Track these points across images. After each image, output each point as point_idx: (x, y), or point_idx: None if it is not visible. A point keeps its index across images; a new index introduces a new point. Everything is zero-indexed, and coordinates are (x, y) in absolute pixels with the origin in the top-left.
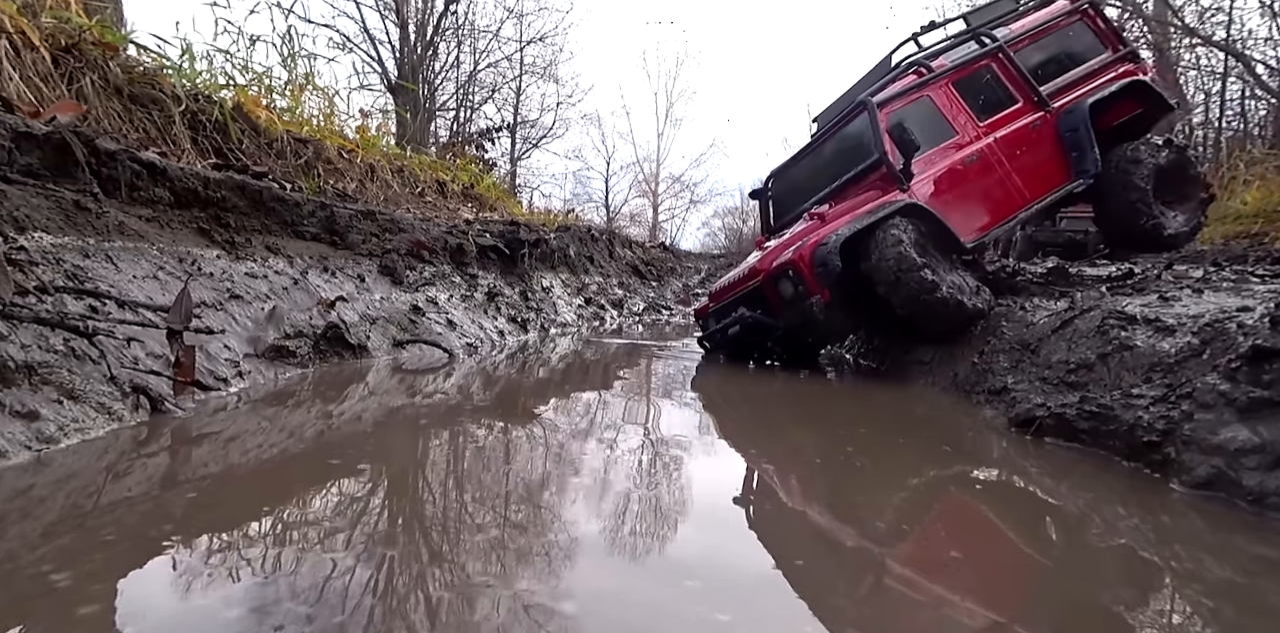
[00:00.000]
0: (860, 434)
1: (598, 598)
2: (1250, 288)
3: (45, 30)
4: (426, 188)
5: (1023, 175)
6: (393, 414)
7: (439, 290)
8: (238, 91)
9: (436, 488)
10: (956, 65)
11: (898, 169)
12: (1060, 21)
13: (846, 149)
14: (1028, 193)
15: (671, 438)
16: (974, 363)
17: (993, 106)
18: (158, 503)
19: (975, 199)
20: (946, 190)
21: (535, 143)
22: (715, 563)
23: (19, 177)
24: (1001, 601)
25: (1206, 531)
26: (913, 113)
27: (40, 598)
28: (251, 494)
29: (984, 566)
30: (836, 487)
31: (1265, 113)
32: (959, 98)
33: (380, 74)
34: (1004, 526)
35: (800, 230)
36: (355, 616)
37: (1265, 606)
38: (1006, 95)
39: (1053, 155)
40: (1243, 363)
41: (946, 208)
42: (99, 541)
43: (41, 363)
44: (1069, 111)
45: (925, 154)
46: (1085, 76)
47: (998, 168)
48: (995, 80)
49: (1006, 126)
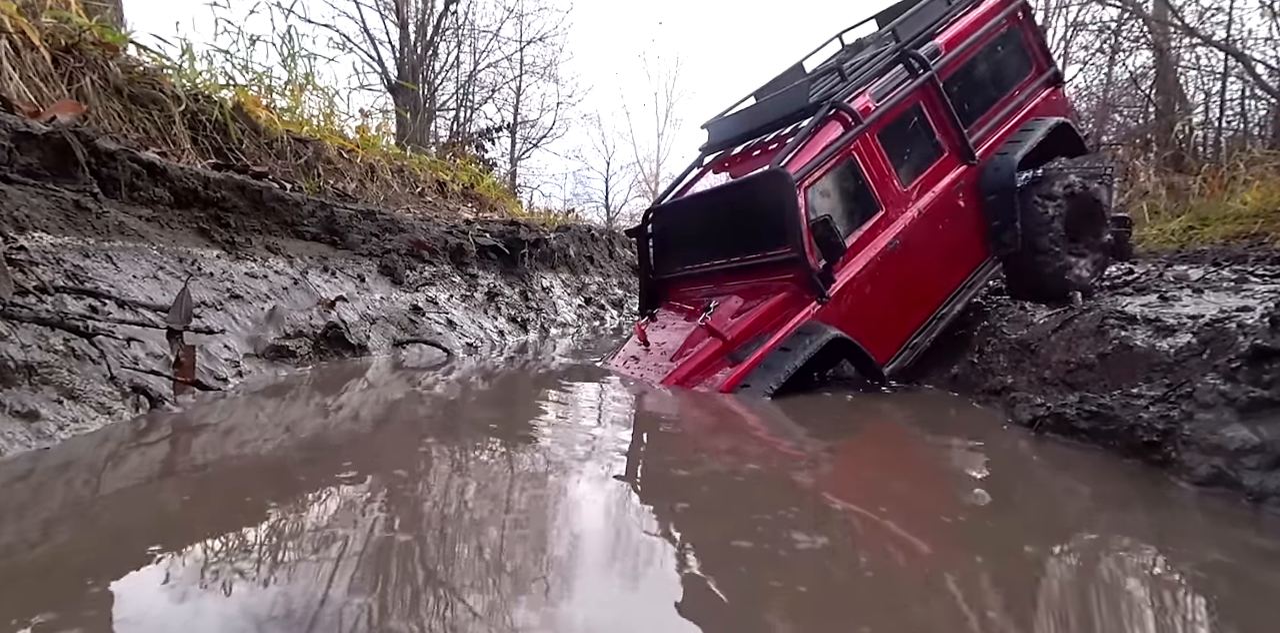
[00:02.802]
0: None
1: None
2: (1250, 288)
3: (45, 30)
4: (426, 188)
5: (943, 257)
6: (392, 408)
7: (439, 290)
8: (238, 91)
9: (425, 490)
10: (882, 110)
11: (817, 273)
12: (991, 31)
13: (754, 217)
14: (949, 279)
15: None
16: (973, 363)
17: (918, 162)
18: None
19: (897, 303)
20: (869, 296)
21: (535, 143)
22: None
23: (19, 176)
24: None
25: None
26: (834, 183)
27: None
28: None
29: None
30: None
31: (1265, 113)
32: (884, 154)
33: (380, 74)
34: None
35: (691, 355)
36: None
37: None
38: (933, 145)
39: (973, 224)
40: (1243, 363)
41: (866, 323)
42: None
43: (41, 363)
44: (995, 168)
45: (847, 241)
46: (1011, 110)
47: (920, 253)
48: (923, 124)
49: (931, 190)
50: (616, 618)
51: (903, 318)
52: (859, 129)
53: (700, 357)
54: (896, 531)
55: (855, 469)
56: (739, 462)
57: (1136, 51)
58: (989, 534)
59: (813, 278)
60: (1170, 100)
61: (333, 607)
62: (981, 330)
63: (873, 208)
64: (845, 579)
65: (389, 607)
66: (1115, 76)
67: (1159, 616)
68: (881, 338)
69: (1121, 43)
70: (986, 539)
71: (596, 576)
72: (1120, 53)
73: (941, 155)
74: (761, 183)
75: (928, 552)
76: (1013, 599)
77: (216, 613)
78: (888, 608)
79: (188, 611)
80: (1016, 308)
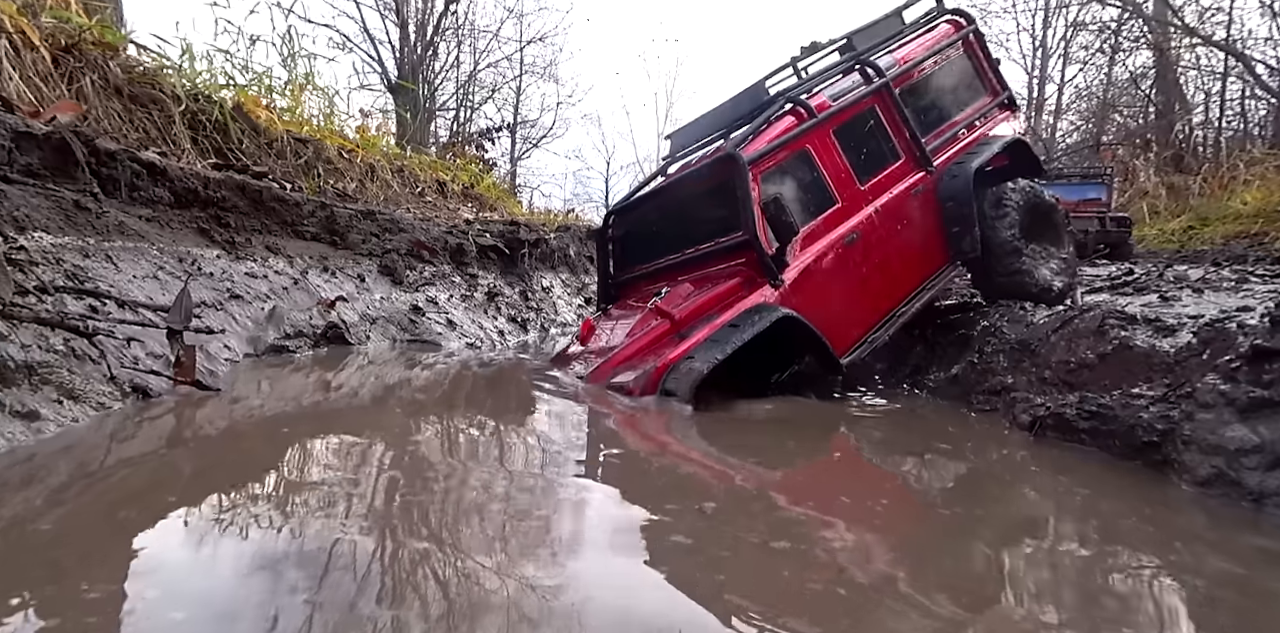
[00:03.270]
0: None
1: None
2: (1250, 288)
3: (45, 30)
4: (426, 188)
5: (902, 257)
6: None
7: (439, 290)
8: (238, 91)
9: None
10: (839, 108)
11: (770, 256)
12: (944, 54)
13: (707, 205)
14: (908, 280)
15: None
16: (973, 363)
17: (875, 163)
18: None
19: (855, 295)
20: (825, 285)
21: (535, 143)
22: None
23: (19, 176)
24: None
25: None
26: (789, 172)
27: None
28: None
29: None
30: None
31: (1265, 113)
32: (840, 151)
33: (380, 74)
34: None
35: (643, 334)
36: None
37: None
38: (889, 149)
39: (932, 230)
40: (1243, 363)
41: (822, 310)
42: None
43: (41, 363)
44: (952, 176)
45: (801, 230)
46: (966, 127)
47: (877, 249)
48: (879, 128)
49: (888, 191)
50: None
51: (861, 312)
52: (813, 122)
53: (647, 338)
54: (895, 531)
55: (843, 474)
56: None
57: (1136, 51)
58: (988, 534)
59: (765, 260)
60: (1170, 100)
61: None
62: (981, 330)
63: (829, 201)
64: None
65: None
66: (1115, 76)
67: (1158, 615)
68: (838, 330)
69: (1121, 43)
70: (985, 539)
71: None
72: (1120, 53)
73: (898, 160)
74: (713, 167)
75: (929, 550)
76: (1011, 596)
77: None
78: (886, 608)
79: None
80: (1016, 308)
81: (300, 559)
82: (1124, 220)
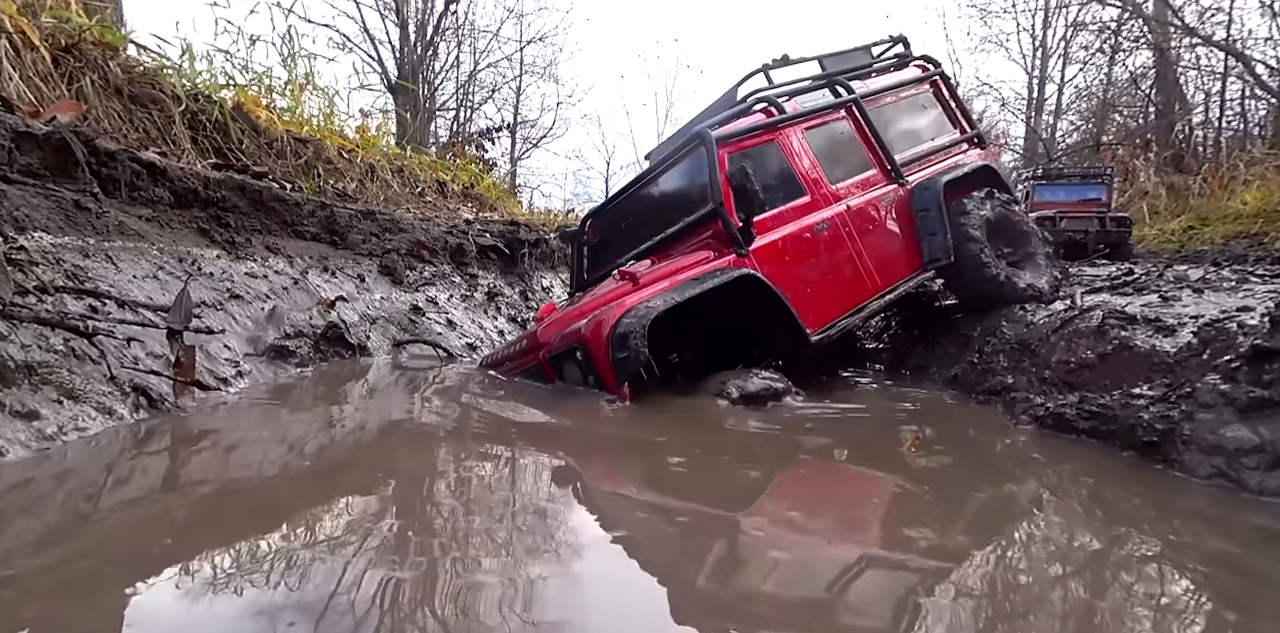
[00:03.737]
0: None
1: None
2: (1250, 288)
3: (45, 30)
4: (426, 188)
5: (874, 256)
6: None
7: (439, 290)
8: (238, 91)
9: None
10: (812, 110)
11: (736, 227)
12: (911, 88)
13: (677, 193)
14: (879, 279)
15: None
16: (973, 363)
17: (848, 169)
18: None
19: (825, 279)
20: (793, 262)
21: (535, 143)
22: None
23: (19, 176)
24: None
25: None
26: (758, 159)
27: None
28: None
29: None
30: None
31: (1265, 113)
32: (810, 151)
33: (380, 74)
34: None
35: (604, 293)
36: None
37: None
38: (861, 159)
39: (905, 237)
40: (1243, 363)
41: (791, 285)
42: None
43: (41, 363)
44: (923, 188)
45: (770, 213)
46: (936, 152)
47: (849, 243)
48: (850, 139)
49: (860, 195)
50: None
51: (831, 297)
52: (785, 117)
53: (607, 297)
54: (895, 528)
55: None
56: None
57: (1136, 51)
58: (986, 532)
59: (731, 230)
60: (1170, 100)
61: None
62: (981, 330)
63: (798, 192)
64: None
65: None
66: (1115, 76)
67: (1159, 616)
68: (807, 308)
69: (1121, 43)
70: (983, 536)
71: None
72: (1120, 53)
73: (870, 170)
74: (682, 148)
75: (932, 548)
76: (1012, 593)
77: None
78: (888, 606)
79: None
80: (1016, 308)
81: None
82: (1124, 220)
